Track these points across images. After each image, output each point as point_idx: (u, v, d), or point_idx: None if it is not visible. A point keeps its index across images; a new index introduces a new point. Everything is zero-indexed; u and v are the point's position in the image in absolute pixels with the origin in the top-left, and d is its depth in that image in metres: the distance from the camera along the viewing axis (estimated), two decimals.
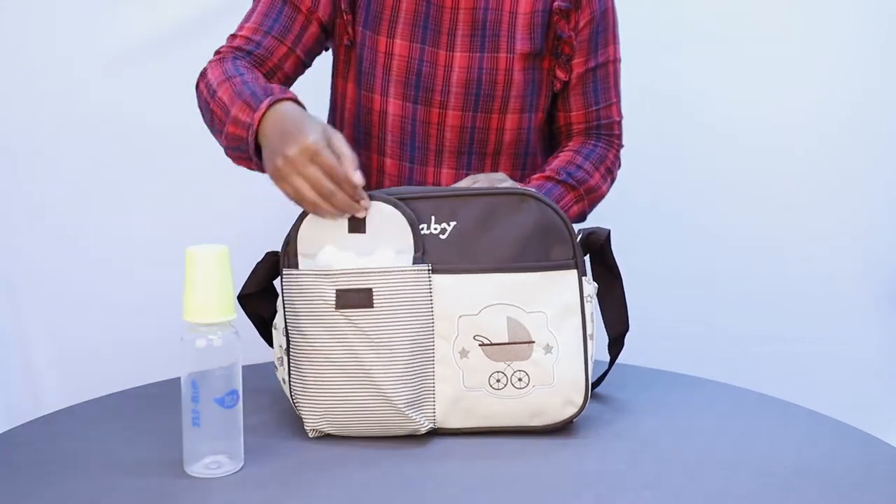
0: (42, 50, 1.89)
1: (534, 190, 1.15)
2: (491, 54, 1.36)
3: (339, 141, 1.11)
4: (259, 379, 1.24)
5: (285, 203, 1.16)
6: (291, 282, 1.11)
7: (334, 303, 1.08)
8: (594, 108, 1.44)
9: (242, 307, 1.20)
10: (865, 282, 2.01)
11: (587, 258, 1.19)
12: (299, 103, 1.18)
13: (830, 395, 1.53)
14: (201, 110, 1.32)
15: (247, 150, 1.19)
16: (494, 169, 1.41)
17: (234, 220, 1.90)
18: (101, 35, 1.90)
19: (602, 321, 1.22)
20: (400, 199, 1.12)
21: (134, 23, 1.91)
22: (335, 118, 1.47)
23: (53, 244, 1.92)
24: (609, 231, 1.19)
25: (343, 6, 1.37)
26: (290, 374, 1.12)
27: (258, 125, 1.16)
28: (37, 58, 1.89)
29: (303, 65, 1.41)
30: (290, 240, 1.12)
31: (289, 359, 1.12)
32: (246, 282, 1.18)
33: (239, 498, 0.96)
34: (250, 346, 1.18)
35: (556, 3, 1.37)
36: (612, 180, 1.46)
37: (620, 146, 1.48)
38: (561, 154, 1.43)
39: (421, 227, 1.12)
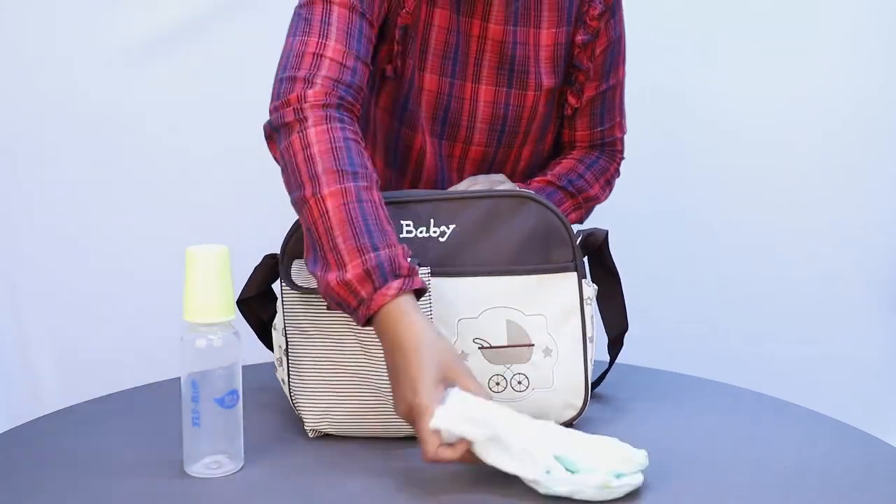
0: (42, 50, 1.89)
1: (533, 192, 1.15)
2: (518, 91, 1.32)
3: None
4: (259, 379, 1.24)
5: (285, 203, 1.16)
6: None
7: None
8: (599, 128, 1.43)
9: (241, 311, 1.20)
10: (866, 282, 2.01)
11: (586, 259, 1.19)
12: (419, 290, 1.02)
13: (830, 395, 1.53)
14: (285, 168, 1.10)
15: (346, 308, 1.02)
16: None
17: (234, 220, 1.90)
18: (101, 35, 1.90)
19: (602, 322, 1.22)
20: (400, 202, 1.12)
21: (134, 23, 1.91)
22: (369, 144, 1.37)
23: (54, 244, 1.92)
24: (607, 232, 1.19)
25: (396, 36, 1.25)
26: (289, 374, 1.12)
27: (373, 313, 1.00)
28: (37, 58, 1.89)
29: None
30: (290, 240, 1.12)
31: (288, 359, 1.12)
32: (245, 286, 1.18)
33: (239, 498, 0.96)
34: (250, 346, 1.18)
35: (578, 38, 1.34)
36: (611, 190, 1.46)
37: (622, 159, 1.47)
38: (563, 161, 1.42)
39: (420, 230, 1.11)
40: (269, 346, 1.20)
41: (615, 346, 1.24)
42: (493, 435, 0.93)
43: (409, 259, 1.02)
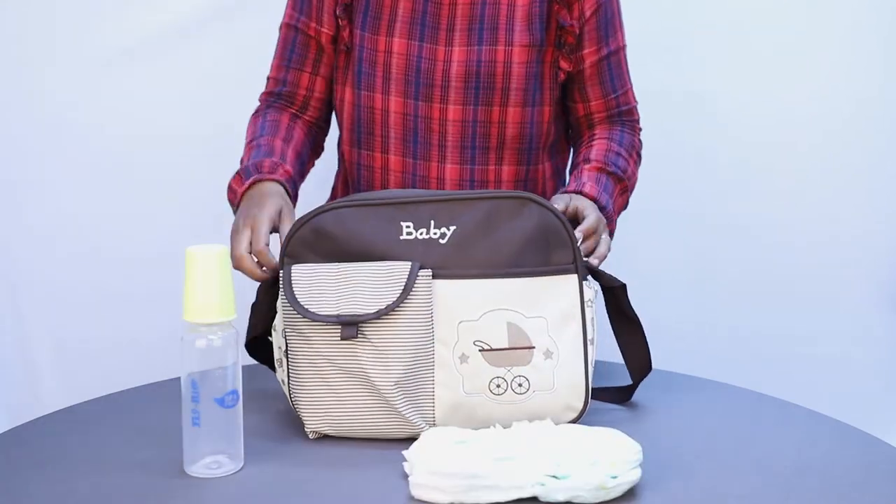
0: (42, 50, 1.89)
1: (534, 194, 1.14)
2: (489, 47, 1.36)
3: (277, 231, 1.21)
4: (259, 379, 1.24)
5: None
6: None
7: None
8: (613, 95, 1.45)
9: (251, 353, 1.21)
10: (866, 282, 2.01)
11: (603, 304, 1.18)
12: (283, 183, 1.30)
13: (830, 395, 1.53)
14: None
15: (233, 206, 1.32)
16: (498, 163, 1.41)
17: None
18: (101, 35, 1.90)
19: (619, 354, 1.22)
20: (400, 203, 1.12)
21: (135, 22, 1.91)
22: (339, 124, 1.47)
23: (54, 244, 1.92)
24: (624, 285, 1.18)
25: (338, 12, 1.39)
26: (289, 375, 1.12)
27: (239, 199, 1.30)
28: (36, 58, 1.89)
29: (332, 82, 1.45)
30: (290, 241, 1.12)
31: (287, 360, 1.12)
32: (249, 324, 1.18)
33: (239, 498, 0.96)
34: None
35: None
36: (640, 165, 1.48)
37: (640, 129, 1.49)
38: (595, 143, 1.43)
39: (420, 231, 1.11)
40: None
41: (634, 385, 1.23)
42: (471, 484, 0.93)
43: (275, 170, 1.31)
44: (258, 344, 1.21)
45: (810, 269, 1.99)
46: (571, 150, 1.52)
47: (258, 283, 1.16)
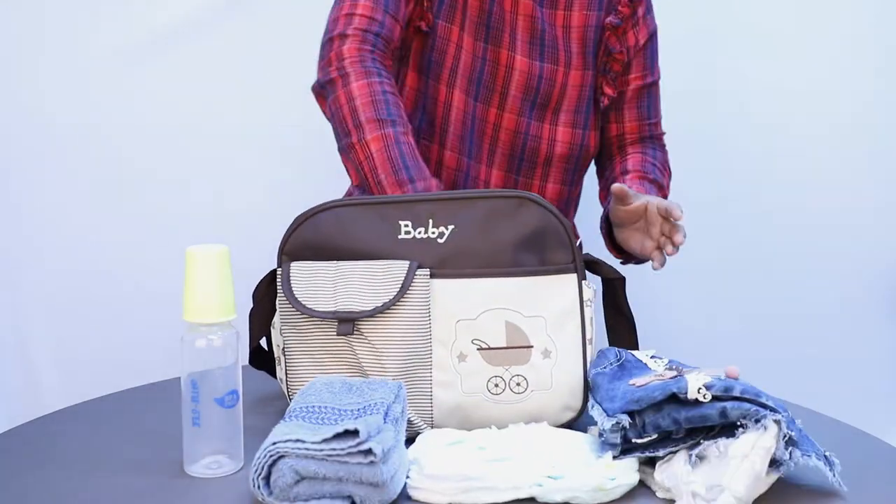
0: (42, 49, 1.89)
1: (533, 193, 1.14)
2: (550, 65, 1.39)
3: None
4: (259, 379, 1.24)
5: (285, 203, 1.16)
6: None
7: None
8: (647, 121, 1.50)
9: (255, 365, 1.22)
10: (866, 283, 2.01)
11: (600, 297, 1.18)
12: None
13: (830, 395, 1.53)
14: (333, 119, 1.30)
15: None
16: (543, 179, 1.43)
17: (234, 220, 1.90)
18: (101, 34, 1.90)
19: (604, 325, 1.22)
20: (398, 202, 1.12)
21: (134, 22, 1.91)
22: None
23: (53, 244, 1.92)
24: (624, 279, 1.18)
25: None
26: (286, 372, 1.12)
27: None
28: (36, 57, 1.89)
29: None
30: (288, 239, 1.12)
31: (285, 357, 1.12)
32: (250, 334, 1.18)
33: (239, 498, 0.96)
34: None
35: (607, 20, 1.40)
36: (670, 181, 1.51)
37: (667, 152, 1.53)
38: (630, 157, 1.47)
39: (419, 230, 1.11)
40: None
41: None
42: (468, 485, 0.93)
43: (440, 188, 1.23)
44: (261, 355, 1.21)
45: (810, 269, 1.99)
46: (597, 170, 1.56)
47: (254, 287, 1.16)
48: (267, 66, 1.60)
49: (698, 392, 0.93)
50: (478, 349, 1.09)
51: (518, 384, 1.10)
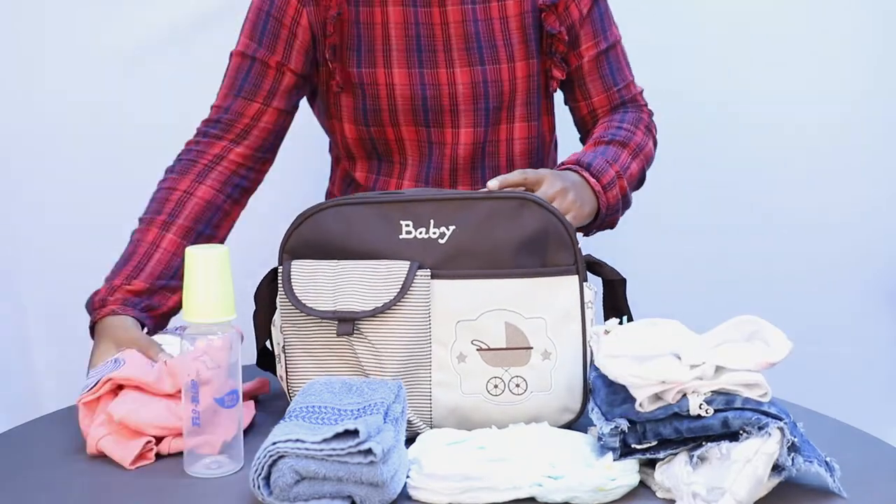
0: (42, 49, 1.89)
1: (535, 194, 1.14)
2: (493, 66, 1.36)
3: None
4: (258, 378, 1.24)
5: (285, 203, 1.16)
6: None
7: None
8: (615, 88, 1.44)
9: (263, 367, 1.22)
10: (866, 282, 2.01)
11: (600, 297, 1.18)
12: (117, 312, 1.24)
13: (830, 395, 1.52)
14: None
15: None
16: None
17: None
18: (100, 35, 1.90)
19: None
20: (400, 201, 1.11)
21: (134, 22, 1.91)
22: (342, 151, 1.45)
23: (53, 244, 1.92)
24: (624, 280, 1.17)
25: (328, 56, 1.35)
26: (287, 370, 1.12)
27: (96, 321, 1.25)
28: (37, 57, 1.89)
29: (286, 113, 1.40)
30: (290, 236, 1.12)
31: (285, 356, 1.12)
32: (256, 335, 1.19)
33: (239, 498, 0.96)
34: (250, 346, 1.19)
35: (540, 1, 1.37)
36: (655, 141, 1.45)
37: (650, 112, 1.48)
38: (595, 130, 1.42)
39: (420, 230, 1.11)
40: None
41: None
42: (468, 485, 0.93)
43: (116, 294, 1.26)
44: (269, 356, 1.21)
45: (811, 269, 1.99)
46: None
47: (256, 287, 1.16)
48: None
49: (700, 408, 0.93)
50: (477, 350, 1.09)
51: (517, 385, 1.09)
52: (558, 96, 1.48)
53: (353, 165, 1.44)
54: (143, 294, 1.26)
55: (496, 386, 1.09)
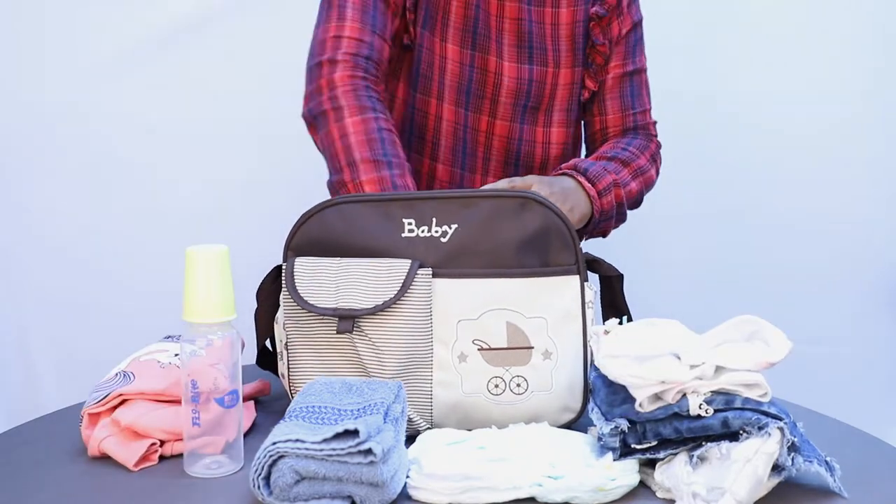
0: (40, 52, 1.89)
1: (537, 193, 1.14)
2: (539, 67, 1.37)
3: None
4: (259, 379, 1.24)
5: (285, 203, 1.16)
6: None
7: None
8: (631, 111, 1.46)
9: (262, 364, 1.22)
10: (867, 282, 2.01)
11: (598, 295, 1.18)
12: None
13: (830, 395, 1.53)
14: (325, 153, 1.27)
15: None
16: None
17: (234, 219, 1.90)
18: (99, 35, 1.90)
19: None
20: (402, 199, 1.12)
21: (133, 23, 1.91)
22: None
23: (53, 244, 1.92)
24: (622, 275, 1.17)
25: (408, 4, 1.34)
26: (289, 367, 1.12)
27: None
28: (35, 58, 1.89)
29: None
30: (294, 235, 1.13)
31: (288, 353, 1.12)
32: (256, 334, 1.19)
33: (239, 498, 0.96)
34: (250, 346, 1.19)
35: (592, 10, 1.38)
36: (658, 170, 1.46)
37: (659, 144, 1.49)
38: (602, 147, 1.44)
39: (422, 229, 1.11)
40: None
41: None
42: (468, 485, 0.93)
43: None
44: (268, 355, 1.21)
45: (811, 269, 1.99)
46: None
47: (258, 287, 1.16)
48: (266, 66, 1.60)
49: (700, 408, 0.93)
50: (478, 349, 1.09)
51: (518, 385, 1.10)
52: None
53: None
54: None
55: (497, 385, 1.09)
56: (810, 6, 1.97)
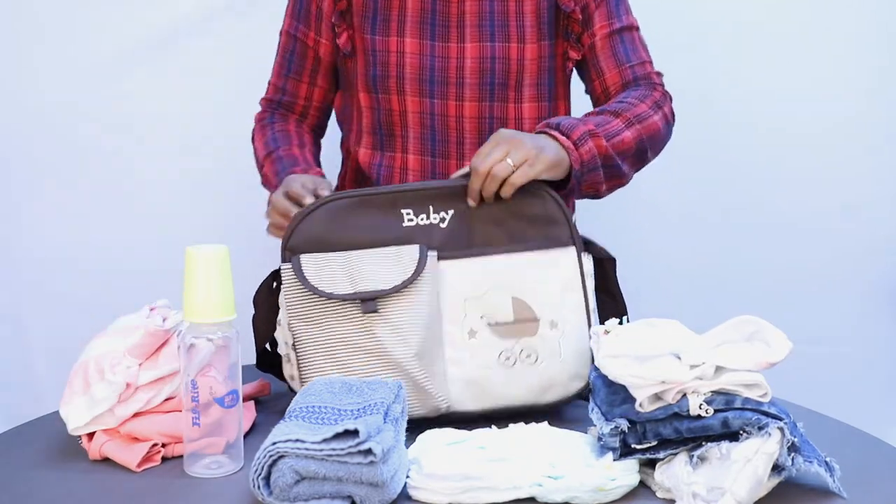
0: (40, 52, 1.89)
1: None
2: (502, 44, 1.36)
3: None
4: (259, 379, 1.24)
5: None
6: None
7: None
8: (628, 65, 1.40)
9: (263, 369, 1.22)
10: (867, 282, 2.00)
11: (592, 283, 1.20)
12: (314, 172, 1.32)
13: (830, 395, 1.53)
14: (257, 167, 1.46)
15: None
16: None
17: (234, 219, 1.90)
18: (99, 35, 1.90)
19: None
20: (398, 192, 1.16)
21: (133, 23, 1.90)
22: (354, 128, 1.45)
23: (53, 244, 1.92)
24: (614, 260, 1.20)
25: (334, 19, 1.39)
26: (299, 368, 1.13)
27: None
28: (35, 58, 1.89)
29: (333, 90, 1.47)
30: (290, 235, 1.13)
31: (296, 352, 1.13)
32: (255, 337, 1.19)
33: (239, 498, 0.96)
34: (250, 346, 1.19)
35: None
36: (666, 117, 1.38)
37: (666, 94, 1.41)
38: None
39: (420, 217, 1.15)
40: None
41: None
42: (468, 485, 0.93)
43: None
44: (268, 357, 1.21)
45: (811, 269, 1.99)
46: None
47: (254, 292, 1.17)
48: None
49: (700, 408, 0.93)
50: (487, 325, 1.13)
51: (528, 356, 1.13)
52: (578, 85, 1.47)
53: (359, 142, 1.44)
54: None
55: (508, 358, 1.13)
56: (813, 5, 1.97)
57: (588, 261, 1.18)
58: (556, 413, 1.16)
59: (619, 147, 1.29)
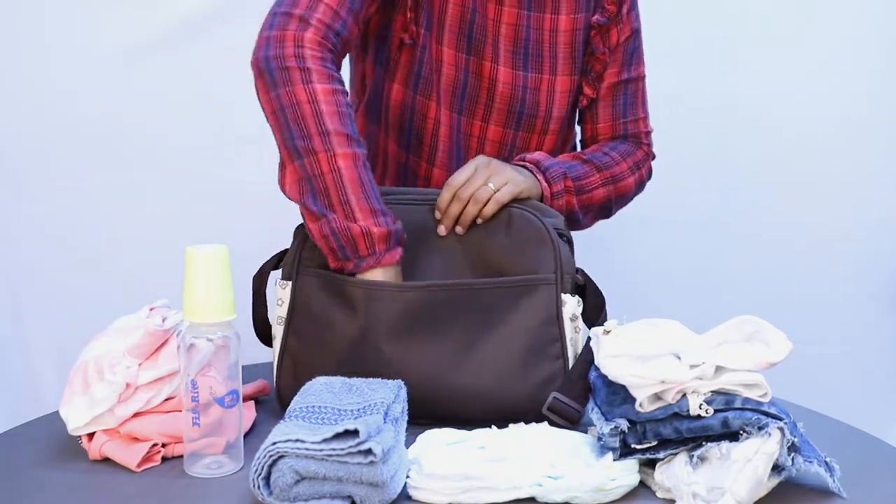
0: (41, 52, 1.89)
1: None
2: (535, 74, 1.35)
3: None
4: (259, 379, 1.24)
5: (286, 203, 1.16)
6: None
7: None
8: (622, 120, 1.43)
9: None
10: (866, 282, 2.01)
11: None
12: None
13: (830, 395, 1.53)
14: (284, 112, 1.15)
15: (347, 252, 1.14)
16: None
17: (234, 220, 1.90)
18: (99, 35, 1.90)
19: None
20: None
21: (133, 23, 1.91)
22: (371, 113, 1.39)
23: (53, 244, 1.92)
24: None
25: (409, 3, 1.30)
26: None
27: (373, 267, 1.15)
28: (35, 60, 1.89)
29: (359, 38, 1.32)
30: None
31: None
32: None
33: (239, 498, 0.96)
34: (250, 346, 1.19)
35: (594, 18, 1.36)
36: (640, 181, 1.42)
37: (650, 153, 1.45)
38: (587, 149, 1.42)
39: None
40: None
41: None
42: (468, 485, 0.93)
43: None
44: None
45: (811, 269, 1.99)
46: None
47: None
48: None
49: (700, 408, 0.93)
50: None
51: None
52: None
53: (387, 137, 1.39)
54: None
55: None
56: (814, 8, 1.97)
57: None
58: None
59: (586, 202, 1.33)
